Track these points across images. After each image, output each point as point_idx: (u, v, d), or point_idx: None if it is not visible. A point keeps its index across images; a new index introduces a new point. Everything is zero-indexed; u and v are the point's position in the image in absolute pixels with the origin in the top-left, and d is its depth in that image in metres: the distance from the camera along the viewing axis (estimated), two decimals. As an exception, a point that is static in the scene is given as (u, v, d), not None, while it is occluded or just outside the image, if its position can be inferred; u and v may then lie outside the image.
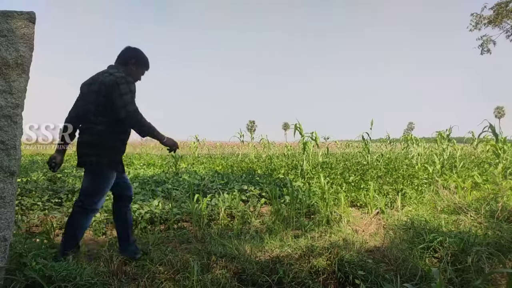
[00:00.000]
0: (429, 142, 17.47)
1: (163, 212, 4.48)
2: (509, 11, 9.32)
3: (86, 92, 2.97)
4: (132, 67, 3.09)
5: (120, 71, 2.93)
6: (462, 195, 5.26)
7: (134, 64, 3.10)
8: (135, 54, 3.13)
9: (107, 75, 2.86)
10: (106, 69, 3.01)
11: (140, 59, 3.14)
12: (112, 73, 2.87)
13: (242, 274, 2.65)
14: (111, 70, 2.95)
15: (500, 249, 3.08)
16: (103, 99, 2.81)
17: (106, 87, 2.79)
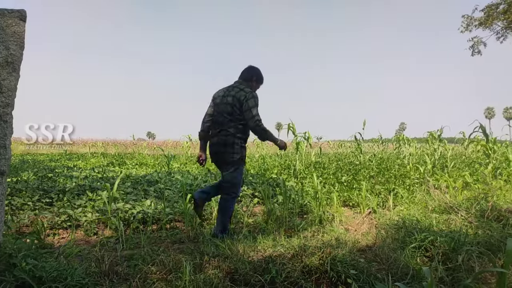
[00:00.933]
0: (420, 142, 17.61)
1: (156, 212, 4.46)
2: (499, 13, 9.44)
3: (219, 102, 3.70)
4: (253, 83, 3.83)
5: (247, 87, 3.68)
6: (453, 195, 5.32)
7: (255, 80, 3.84)
8: (256, 72, 3.86)
9: (238, 90, 3.63)
10: (235, 85, 3.75)
11: (259, 77, 3.89)
12: (242, 89, 3.63)
13: (234, 274, 2.64)
14: (240, 86, 3.69)
15: (490, 248, 3.11)
16: (236, 109, 3.55)
17: (239, 100, 3.54)
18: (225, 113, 3.62)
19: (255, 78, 3.84)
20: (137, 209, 4.42)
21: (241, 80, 3.80)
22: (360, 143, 13.02)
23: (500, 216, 3.95)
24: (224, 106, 3.63)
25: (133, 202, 4.73)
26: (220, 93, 3.76)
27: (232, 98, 3.59)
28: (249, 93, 3.57)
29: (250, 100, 3.51)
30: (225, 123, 3.62)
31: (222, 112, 3.65)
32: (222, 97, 3.70)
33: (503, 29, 9.99)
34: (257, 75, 3.86)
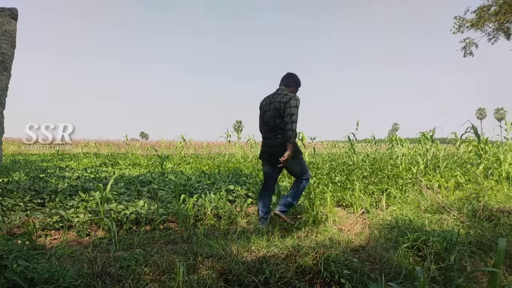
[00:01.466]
0: (413, 143, 17.72)
1: (149, 213, 4.44)
2: (490, 14, 9.53)
3: (267, 109, 4.10)
4: (293, 88, 4.23)
5: (289, 92, 4.08)
6: (445, 195, 5.37)
7: (294, 86, 4.25)
8: (294, 78, 4.26)
9: (282, 96, 4.00)
10: (279, 92, 4.12)
11: (298, 83, 4.29)
12: (286, 94, 4.02)
13: (228, 274, 2.64)
14: (283, 92, 4.07)
15: (482, 247, 3.14)
16: (282, 112, 3.91)
17: (284, 104, 3.91)
18: (275, 117, 4.00)
19: (294, 83, 4.26)
20: (130, 210, 4.39)
21: (283, 87, 4.20)
22: (353, 144, 13.09)
23: (491, 216, 3.99)
24: (273, 112, 4.03)
25: (126, 203, 4.70)
26: (267, 101, 4.19)
27: (279, 104, 3.97)
28: (293, 98, 3.96)
29: (293, 102, 3.91)
30: (277, 125, 3.99)
31: (272, 117, 4.03)
32: (269, 104, 4.11)
33: (494, 30, 10.10)
34: (295, 81, 4.27)
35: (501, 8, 9.14)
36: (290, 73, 4.29)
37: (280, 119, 3.94)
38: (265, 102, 4.21)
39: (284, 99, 3.94)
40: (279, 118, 3.96)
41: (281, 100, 3.95)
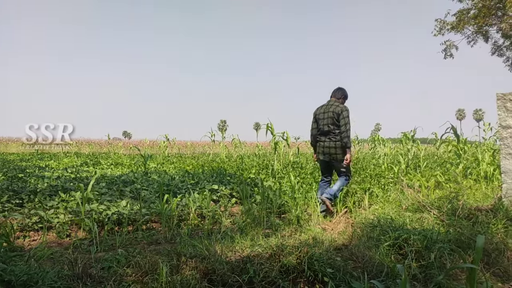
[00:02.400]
0: (394, 143, 18.03)
1: (131, 213, 4.38)
2: (470, 18, 9.77)
3: (322, 118, 4.96)
4: (342, 100, 5.07)
5: (341, 104, 4.95)
6: (425, 194, 5.47)
7: (343, 98, 5.08)
8: (343, 92, 5.09)
9: (335, 107, 4.86)
10: (331, 103, 4.97)
11: (346, 96, 5.13)
12: (338, 105, 4.88)
13: (212, 274, 2.63)
14: (335, 103, 4.93)
15: (461, 245, 3.22)
16: (335, 120, 4.80)
17: (337, 114, 4.80)
18: (329, 124, 4.88)
19: (343, 96, 5.09)
20: (112, 210, 4.33)
21: (334, 99, 5.06)
22: (337, 143, 13.18)
23: (470, 214, 4.09)
24: (327, 120, 4.90)
25: (108, 203, 4.63)
26: (321, 111, 5.03)
27: (332, 113, 4.84)
28: (344, 109, 4.82)
29: (345, 113, 4.79)
30: (331, 131, 4.87)
31: (327, 124, 4.91)
32: (324, 113, 4.97)
33: (474, 33, 10.36)
34: (344, 95, 5.10)
35: (480, 11, 9.38)
36: (340, 87, 5.13)
37: (333, 125, 4.85)
38: (319, 111, 5.05)
39: (337, 110, 4.82)
40: (332, 125, 4.86)
41: (335, 111, 4.83)
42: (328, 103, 5.02)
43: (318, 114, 5.05)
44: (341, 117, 4.75)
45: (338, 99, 5.04)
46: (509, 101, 4.59)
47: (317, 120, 5.05)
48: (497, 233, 3.44)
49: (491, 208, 4.21)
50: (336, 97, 5.06)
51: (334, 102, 4.98)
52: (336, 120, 4.80)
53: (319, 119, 5.01)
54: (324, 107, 5.00)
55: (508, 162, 4.64)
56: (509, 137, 4.62)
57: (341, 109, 4.79)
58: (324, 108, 4.99)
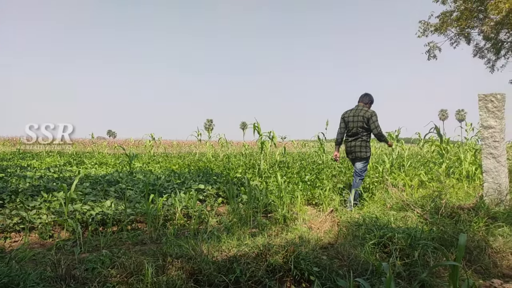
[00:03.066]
0: (379, 142, 18.25)
1: (116, 213, 4.32)
2: (453, 20, 9.96)
3: (351, 120, 5.48)
4: (369, 105, 5.61)
5: (368, 108, 5.50)
6: (409, 193, 5.56)
7: (370, 103, 5.61)
8: (370, 98, 5.62)
9: (364, 111, 5.40)
10: (360, 108, 5.49)
11: (372, 101, 5.65)
12: (366, 110, 5.42)
13: (198, 274, 2.61)
14: (364, 108, 5.46)
15: (444, 243, 3.28)
16: (365, 124, 5.38)
17: (366, 118, 5.36)
18: (358, 127, 5.42)
19: (370, 101, 5.62)
20: (96, 210, 4.26)
21: (362, 104, 5.57)
22: (323, 143, 13.32)
23: (452, 213, 4.17)
24: (356, 123, 5.44)
25: (92, 203, 4.55)
26: (350, 114, 5.54)
27: (362, 117, 5.39)
28: (373, 113, 5.41)
29: (374, 117, 5.38)
30: (359, 133, 5.44)
31: (355, 127, 5.45)
32: (353, 116, 5.49)
33: (456, 35, 10.58)
34: (371, 100, 5.63)
35: (462, 14, 9.57)
36: (367, 93, 5.65)
37: (361, 128, 5.41)
38: (348, 115, 5.57)
39: (367, 114, 5.38)
40: (361, 128, 5.41)
41: (364, 115, 5.39)
42: (357, 108, 5.53)
43: (347, 117, 5.58)
44: (371, 122, 5.34)
45: (366, 104, 5.58)
46: (490, 102, 4.70)
47: (347, 122, 5.57)
48: (479, 231, 3.52)
49: (473, 207, 4.30)
50: (363, 102, 5.58)
51: (363, 107, 5.50)
52: (365, 124, 5.37)
53: (349, 121, 5.54)
54: (353, 111, 5.53)
55: (489, 162, 4.75)
56: (490, 137, 4.73)
57: (370, 114, 5.38)
58: (353, 112, 5.52)
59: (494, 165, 4.72)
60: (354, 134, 5.49)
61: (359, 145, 5.44)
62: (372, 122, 5.32)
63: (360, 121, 5.40)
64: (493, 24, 9.01)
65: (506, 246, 3.23)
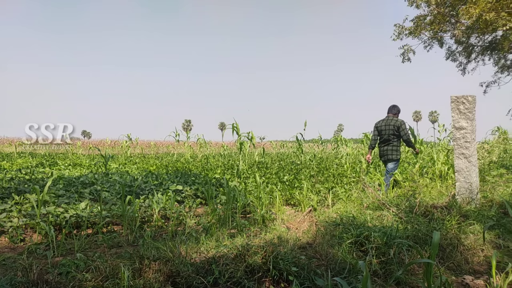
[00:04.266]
0: (356, 143, 18.59)
1: (91, 216, 4.22)
2: (426, 24, 10.25)
3: (384, 129, 6.43)
4: (397, 115, 6.59)
5: (397, 118, 6.49)
6: (385, 192, 5.68)
7: (397, 113, 6.59)
8: (398, 108, 6.60)
9: (394, 121, 6.37)
10: (390, 118, 6.47)
11: (399, 111, 6.62)
12: (396, 120, 6.40)
13: (176, 277, 2.58)
14: (394, 118, 6.44)
15: (418, 241, 3.37)
16: (395, 132, 6.32)
17: (397, 126, 6.31)
18: (390, 134, 6.38)
19: (397, 112, 6.60)
20: (70, 213, 4.14)
21: (391, 114, 6.55)
22: (301, 144, 13.43)
23: (426, 211, 4.29)
24: (388, 131, 6.40)
25: (65, 205, 4.43)
26: (382, 123, 6.51)
27: (393, 126, 6.36)
28: (402, 122, 6.38)
29: (404, 125, 6.35)
30: (391, 139, 6.40)
31: (387, 134, 6.40)
32: (385, 125, 6.46)
33: (430, 39, 10.89)
34: (398, 110, 6.60)
35: (436, 18, 9.87)
36: (394, 105, 6.63)
37: (393, 135, 6.35)
38: (380, 124, 6.54)
39: (397, 124, 6.35)
40: (392, 135, 6.36)
41: (395, 124, 6.35)
42: (387, 118, 6.51)
43: (380, 126, 6.57)
44: (401, 129, 6.28)
45: (394, 114, 6.55)
46: (462, 103, 4.86)
47: (380, 131, 6.54)
48: (451, 229, 3.63)
49: (445, 205, 4.43)
50: (392, 113, 6.56)
51: (392, 117, 6.49)
52: (395, 132, 6.31)
53: (381, 130, 6.51)
54: (385, 121, 6.51)
55: (461, 162, 4.91)
56: (462, 137, 4.89)
57: (400, 123, 6.35)
58: (385, 122, 6.51)
59: (465, 165, 4.87)
60: (386, 140, 6.44)
61: (390, 149, 6.39)
62: (402, 130, 6.27)
63: (391, 129, 6.35)
64: (464, 28, 9.33)
65: (476, 243, 3.35)
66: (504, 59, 10.70)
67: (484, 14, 7.53)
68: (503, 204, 4.39)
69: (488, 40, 10.07)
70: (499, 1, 7.62)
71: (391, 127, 6.37)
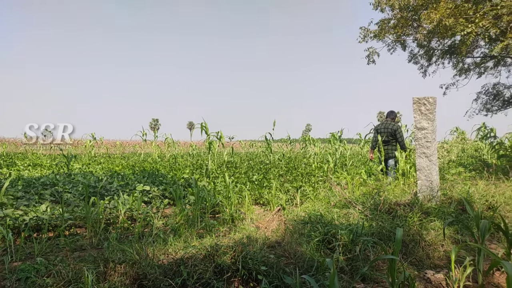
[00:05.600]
0: (324, 143, 18.94)
1: (53, 218, 4.04)
2: (390, 27, 10.59)
3: (383, 132, 7.49)
4: (394, 119, 7.66)
5: (393, 121, 7.61)
6: (351, 191, 5.82)
7: (394, 118, 7.70)
8: (394, 114, 7.78)
9: (392, 125, 7.45)
10: (388, 122, 7.57)
11: (395, 116, 7.78)
12: (394, 124, 7.48)
13: (143, 279, 2.52)
14: (392, 123, 7.53)
15: (382, 237, 3.48)
16: (392, 135, 7.38)
17: (393, 130, 7.40)
18: (388, 136, 7.43)
19: (394, 116, 7.76)
20: (30, 215, 3.95)
21: (389, 119, 7.68)
22: (270, 143, 13.52)
23: (390, 209, 4.43)
24: (386, 133, 7.46)
25: (24, 208, 4.22)
26: (381, 126, 7.59)
27: (391, 130, 7.43)
28: (398, 126, 7.50)
29: (399, 130, 7.44)
30: (389, 141, 7.47)
31: (386, 136, 7.44)
32: (383, 128, 7.52)
33: (393, 42, 11.26)
34: (395, 115, 7.80)
35: (399, 22, 10.21)
36: (392, 111, 7.83)
37: (391, 137, 7.42)
38: (379, 127, 7.64)
39: (394, 127, 7.45)
40: (390, 136, 7.42)
41: (392, 128, 7.45)
42: (386, 122, 7.62)
43: (379, 129, 7.63)
44: (397, 133, 7.36)
45: (392, 119, 7.68)
46: (423, 105, 5.06)
47: (379, 133, 7.58)
48: (414, 225, 3.77)
49: (408, 203, 4.60)
50: (390, 117, 7.73)
51: (390, 121, 7.60)
52: (392, 134, 7.38)
53: (381, 132, 7.56)
54: (383, 125, 7.59)
55: (422, 161, 5.11)
56: (423, 137, 5.09)
57: (397, 127, 7.45)
58: (383, 125, 7.59)
59: (426, 163, 5.08)
60: (385, 141, 7.50)
61: (390, 149, 7.48)
62: (398, 133, 7.39)
63: (388, 132, 7.45)
64: (426, 32, 9.72)
65: (437, 239, 3.50)
66: (462, 63, 11.24)
67: (444, 19, 7.88)
68: (461, 201, 4.62)
69: (447, 44, 10.55)
70: (458, 7, 7.99)
71: (389, 130, 7.44)
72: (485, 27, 7.76)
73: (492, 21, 7.68)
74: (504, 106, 11.20)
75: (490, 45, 9.47)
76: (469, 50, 9.88)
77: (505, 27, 7.80)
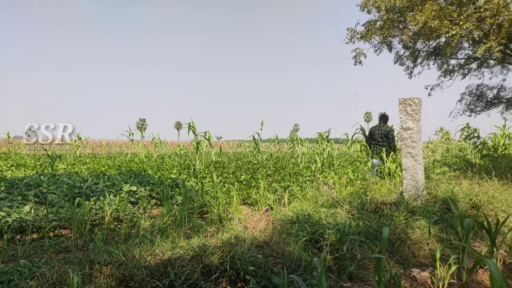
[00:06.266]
0: (311, 143, 19.03)
1: (37, 219, 3.97)
2: (376, 28, 10.69)
3: (377, 133, 8.16)
4: (386, 122, 8.34)
5: (386, 124, 8.29)
6: (338, 190, 5.86)
7: (386, 121, 8.36)
8: (386, 118, 8.40)
9: (385, 127, 8.16)
10: (382, 125, 8.25)
11: (387, 119, 8.40)
12: (387, 126, 8.22)
13: (130, 281, 2.49)
14: (385, 125, 8.22)
15: (369, 236, 3.51)
16: (384, 137, 8.08)
17: (387, 132, 8.09)
18: (382, 137, 8.07)
19: (387, 120, 8.36)
20: (13, 217, 3.87)
21: (383, 122, 8.31)
22: (258, 143, 13.52)
23: (377, 208, 4.48)
24: (379, 134, 8.11)
25: (7, 209, 4.13)
26: (376, 129, 8.23)
27: (384, 131, 8.07)
28: (391, 130, 8.12)
29: (392, 132, 8.09)
30: (381, 141, 8.08)
31: (380, 137, 8.10)
32: (378, 130, 8.17)
33: (379, 43, 11.38)
34: (387, 119, 8.38)
35: (385, 23, 10.32)
36: (384, 114, 8.48)
37: (384, 137, 8.04)
38: (374, 129, 8.27)
39: (387, 129, 8.09)
40: (384, 137, 8.05)
41: (386, 130, 8.09)
42: (380, 125, 8.28)
43: (374, 130, 8.28)
44: (390, 135, 8.03)
45: (385, 122, 8.33)
46: (409, 105, 5.13)
47: (373, 134, 8.23)
48: (399, 224, 3.82)
49: (394, 202, 4.66)
50: (383, 121, 8.35)
51: (384, 123, 8.28)
52: (385, 136, 8.05)
53: (375, 133, 8.21)
54: (377, 127, 8.26)
55: (408, 160, 5.18)
56: (408, 137, 5.16)
57: (389, 130, 8.13)
58: (377, 127, 8.26)
59: (412, 163, 5.15)
60: (379, 142, 8.16)
61: (382, 150, 8.06)
62: (391, 135, 8.06)
63: (382, 133, 8.13)
64: (411, 34, 9.84)
65: (422, 237, 3.55)
66: (447, 64, 11.42)
67: (429, 21, 8.00)
68: (446, 200, 4.70)
69: (432, 46, 10.70)
70: (442, 10, 8.12)
71: (382, 132, 8.17)
72: (469, 29, 7.90)
73: (475, 24, 7.83)
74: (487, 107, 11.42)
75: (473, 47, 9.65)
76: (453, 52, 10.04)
77: (488, 30, 7.96)
